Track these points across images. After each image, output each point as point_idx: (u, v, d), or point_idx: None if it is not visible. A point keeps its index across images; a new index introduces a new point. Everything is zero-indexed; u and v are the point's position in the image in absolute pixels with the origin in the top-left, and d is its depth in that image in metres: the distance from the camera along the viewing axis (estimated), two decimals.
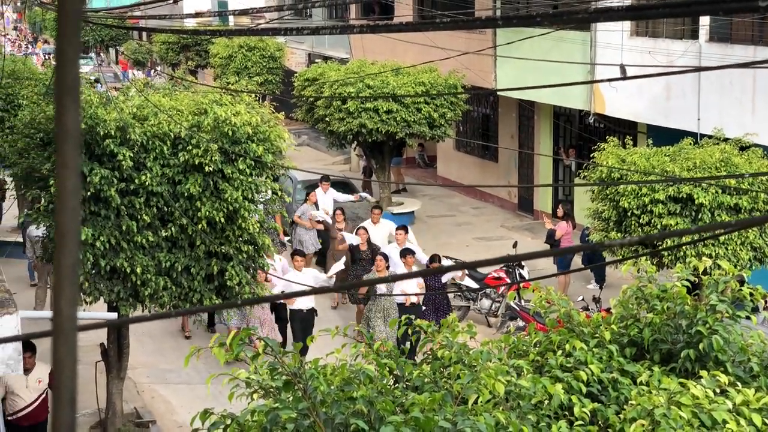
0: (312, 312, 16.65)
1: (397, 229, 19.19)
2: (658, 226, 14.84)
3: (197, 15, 8.44)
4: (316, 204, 21.97)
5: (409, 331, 7.47)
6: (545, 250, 19.56)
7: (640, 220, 15.11)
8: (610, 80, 6.80)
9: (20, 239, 20.68)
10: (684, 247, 14.37)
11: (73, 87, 1.27)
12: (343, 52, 35.00)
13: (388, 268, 16.91)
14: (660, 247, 14.59)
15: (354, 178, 28.38)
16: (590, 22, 17.85)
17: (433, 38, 23.02)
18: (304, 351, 9.55)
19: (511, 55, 21.15)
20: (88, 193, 11.77)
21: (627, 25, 20.55)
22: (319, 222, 21.33)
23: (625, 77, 13.94)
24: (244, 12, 7.02)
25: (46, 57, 56.86)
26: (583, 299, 16.82)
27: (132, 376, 15.81)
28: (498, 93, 26.23)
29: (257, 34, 31.32)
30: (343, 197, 23.09)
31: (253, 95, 14.45)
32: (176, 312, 12.64)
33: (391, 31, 7.38)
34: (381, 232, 20.28)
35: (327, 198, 22.62)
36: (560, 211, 20.42)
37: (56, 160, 1.29)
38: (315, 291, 14.99)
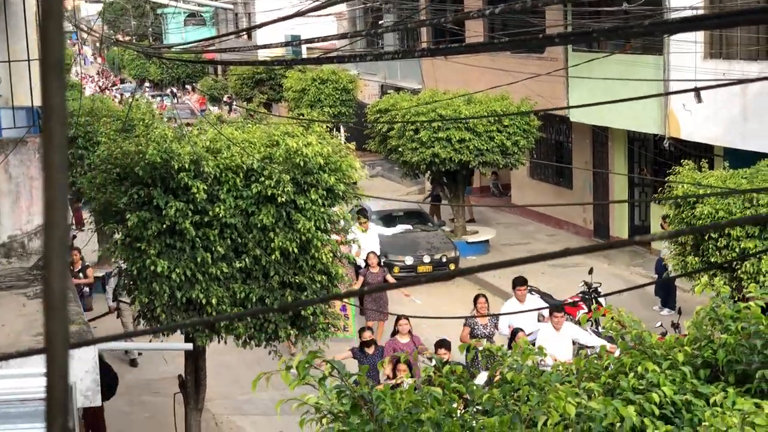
0: None
1: (550, 314, 15.53)
2: (737, 249, 14.62)
3: (267, 46, 8.59)
4: None
5: (479, 357, 7.44)
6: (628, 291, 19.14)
7: (718, 244, 14.88)
8: (681, 92, 6.71)
9: (99, 273, 21.02)
10: (765, 270, 14.12)
11: (56, 65, 1.32)
12: (415, 82, 35.12)
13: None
14: (739, 270, 14.36)
15: (424, 204, 28.45)
16: (643, 36, 17.71)
17: (505, 66, 23.00)
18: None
19: (582, 79, 21.06)
20: (164, 226, 11.96)
21: (700, 47, 20.32)
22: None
23: (701, 89, 13.78)
24: (309, 41, 7.12)
25: (122, 94, 58.00)
26: (661, 325, 16.59)
27: (210, 408, 15.93)
28: (571, 120, 26.08)
29: (325, 62, 31.61)
30: None
31: (325, 126, 14.57)
32: (249, 341, 12.74)
33: (453, 53, 7.41)
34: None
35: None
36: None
37: (42, 137, 1.31)
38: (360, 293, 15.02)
